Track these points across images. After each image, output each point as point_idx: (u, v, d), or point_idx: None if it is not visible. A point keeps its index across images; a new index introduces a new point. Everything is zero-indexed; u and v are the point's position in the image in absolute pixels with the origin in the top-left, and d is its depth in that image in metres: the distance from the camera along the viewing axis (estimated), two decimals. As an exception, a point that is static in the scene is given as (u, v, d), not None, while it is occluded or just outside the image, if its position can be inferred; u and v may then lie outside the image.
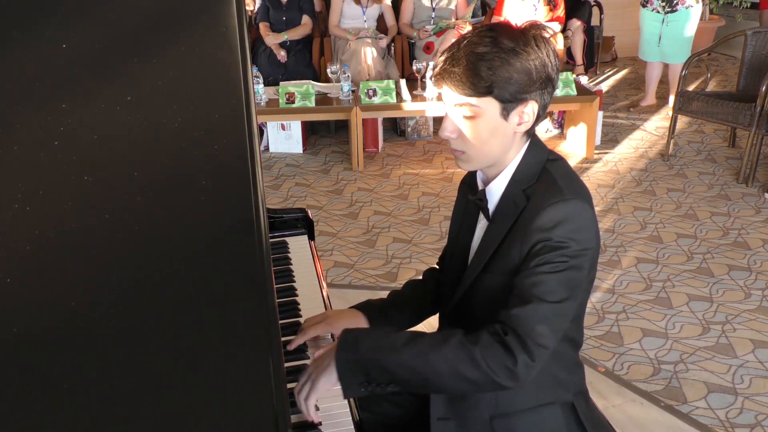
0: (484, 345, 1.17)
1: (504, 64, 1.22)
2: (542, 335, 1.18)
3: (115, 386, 0.92)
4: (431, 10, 5.44)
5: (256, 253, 0.98)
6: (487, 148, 1.29)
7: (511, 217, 1.30)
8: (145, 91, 0.88)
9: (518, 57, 1.22)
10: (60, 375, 0.89)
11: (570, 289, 1.23)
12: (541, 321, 1.19)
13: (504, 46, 1.22)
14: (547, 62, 1.25)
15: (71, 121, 0.84)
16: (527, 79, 1.23)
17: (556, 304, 1.21)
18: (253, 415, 0.99)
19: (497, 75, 1.22)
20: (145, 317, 0.93)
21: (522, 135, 1.31)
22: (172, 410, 0.95)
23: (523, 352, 1.17)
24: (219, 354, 0.97)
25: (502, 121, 1.27)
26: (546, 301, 1.20)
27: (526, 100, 1.25)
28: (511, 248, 1.28)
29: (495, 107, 1.25)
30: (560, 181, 1.28)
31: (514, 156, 1.33)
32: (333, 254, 3.59)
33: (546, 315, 1.19)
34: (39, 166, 0.84)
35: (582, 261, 1.25)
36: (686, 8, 5.31)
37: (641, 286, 3.24)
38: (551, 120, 5.39)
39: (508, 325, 1.19)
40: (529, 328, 1.18)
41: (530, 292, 1.20)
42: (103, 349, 0.91)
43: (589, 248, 1.26)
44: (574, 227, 1.23)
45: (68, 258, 0.87)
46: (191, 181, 0.92)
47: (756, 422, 2.37)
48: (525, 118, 1.28)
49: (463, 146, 1.30)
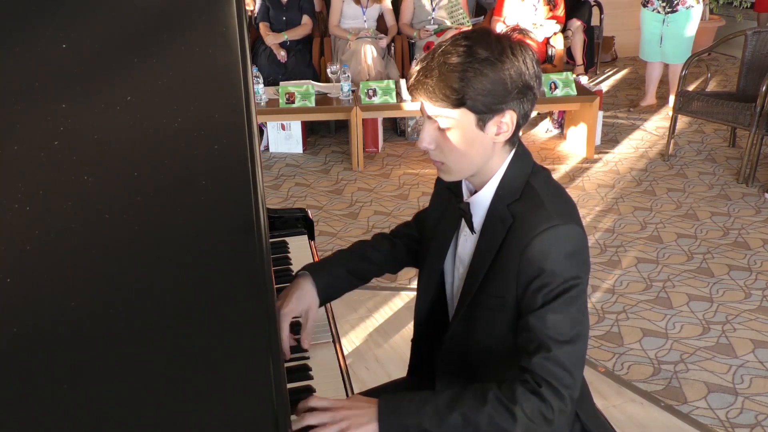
0: (521, 401, 1.19)
1: (477, 75, 1.18)
2: (572, 377, 1.21)
3: (115, 386, 0.92)
4: (431, 11, 5.44)
5: (256, 253, 0.98)
6: (465, 160, 1.27)
7: (498, 234, 1.29)
8: (145, 91, 0.88)
9: (493, 67, 1.19)
10: (60, 375, 0.89)
11: (582, 320, 1.24)
12: (567, 364, 1.20)
13: (478, 56, 1.18)
14: (524, 70, 1.22)
15: (71, 121, 0.84)
16: (502, 90, 1.21)
17: (576, 344, 1.22)
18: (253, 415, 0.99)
19: (470, 87, 1.19)
20: (145, 317, 0.93)
21: (504, 144, 1.29)
22: (172, 410, 0.95)
23: (558, 399, 1.19)
24: (219, 354, 0.97)
25: (479, 132, 1.24)
26: (566, 342, 1.21)
27: (503, 110, 1.23)
28: (507, 273, 1.27)
29: (470, 118, 1.22)
30: (547, 203, 1.26)
31: (498, 165, 1.30)
32: (333, 254, 3.59)
33: (570, 357, 1.21)
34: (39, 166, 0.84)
35: (585, 287, 1.25)
36: (687, 8, 5.31)
37: (641, 286, 3.24)
38: (551, 120, 5.40)
39: (537, 374, 1.20)
40: (559, 375, 1.19)
41: (549, 336, 1.20)
42: (103, 349, 0.91)
43: (587, 271, 1.27)
44: (570, 256, 1.23)
45: (68, 258, 0.87)
46: (191, 181, 0.92)
47: (756, 422, 2.37)
48: (503, 128, 1.25)
49: (442, 157, 1.28)
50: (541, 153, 4.93)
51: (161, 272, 0.94)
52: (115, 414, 0.92)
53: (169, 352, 0.95)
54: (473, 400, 1.21)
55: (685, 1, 5.28)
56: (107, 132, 0.87)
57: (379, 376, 2.45)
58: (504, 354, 1.32)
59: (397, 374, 1.73)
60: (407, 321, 2.90)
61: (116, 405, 0.92)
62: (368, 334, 2.85)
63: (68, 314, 0.88)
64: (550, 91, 4.65)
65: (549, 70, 5.22)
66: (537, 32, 5.39)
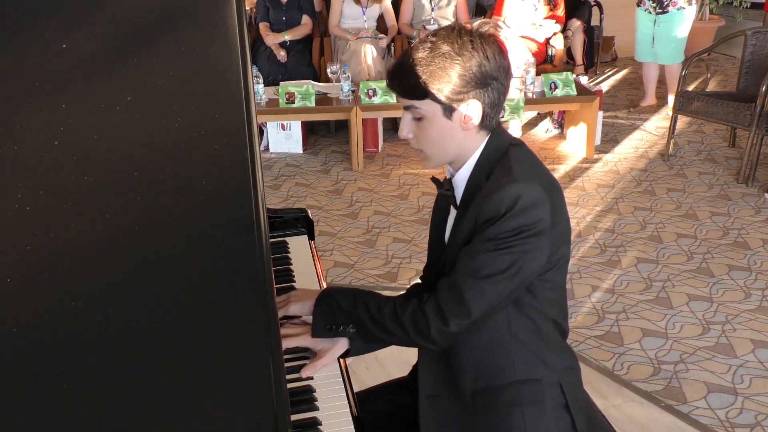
0: (407, 312, 1.32)
1: (437, 68, 1.29)
2: (459, 305, 1.28)
3: (115, 386, 0.92)
4: (431, 11, 5.44)
5: (256, 253, 0.98)
6: (440, 147, 1.37)
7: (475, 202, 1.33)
8: (145, 91, 0.88)
9: (452, 60, 1.28)
10: (60, 375, 0.89)
11: (504, 267, 1.27)
12: (462, 292, 1.27)
13: (439, 51, 1.29)
14: (484, 62, 1.30)
15: (71, 121, 0.84)
16: (461, 81, 1.29)
17: (482, 279, 1.27)
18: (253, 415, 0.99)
19: (432, 79, 1.29)
20: (145, 317, 0.93)
21: (478, 130, 1.36)
22: (172, 410, 0.95)
23: (440, 321, 1.29)
24: (219, 354, 0.97)
25: (447, 120, 1.33)
26: (472, 275, 1.27)
27: (464, 99, 1.31)
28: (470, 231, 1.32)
29: (436, 108, 1.32)
30: (515, 165, 1.32)
31: (475, 148, 1.38)
32: (333, 254, 3.59)
33: (468, 287, 1.27)
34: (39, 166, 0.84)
35: (525, 242, 1.27)
36: (678, 10, 5.28)
37: (641, 286, 3.24)
38: (551, 120, 5.40)
39: (435, 294, 1.32)
40: (447, 298, 1.29)
41: (461, 264, 1.29)
42: (103, 349, 0.91)
43: (536, 228, 1.28)
44: (519, 207, 1.26)
45: (68, 258, 0.87)
46: (191, 181, 0.92)
47: (756, 422, 2.37)
48: (470, 116, 1.33)
49: (419, 145, 1.39)
50: (541, 153, 4.93)
51: (161, 272, 0.94)
52: (115, 414, 0.92)
53: (169, 352, 0.95)
54: (386, 302, 1.36)
55: (675, 3, 5.26)
56: (107, 132, 0.87)
57: (379, 376, 2.45)
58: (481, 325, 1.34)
59: (397, 374, 1.73)
60: (407, 321, 2.90)
61: (116, 405, 0.92)
62: (368, 334, 2.85)
63: (68, 314, 0.88)
64: (550, 91, 4.65)
65: (549, 70, 5.22)
66: (537, 32, 5.39)
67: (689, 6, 5.31)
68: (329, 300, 1.42)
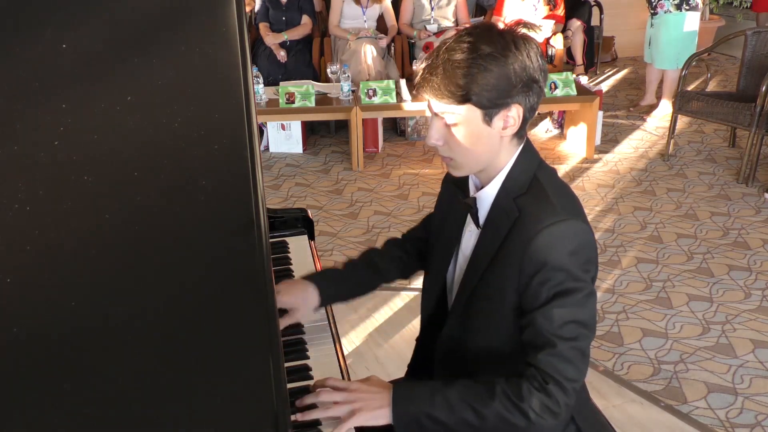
0: (529, 397, 1.21)
1: (482, 71, 1.20)
2: (577, 374, 1.23)
3: (115, 386, 0.92)
4: (431, 10, 5.44)
5: (256, 253, 0.98)
6: (474, 155, 1.28)
7: (503, 227, 1.29)
8: (145, 91, 0.88)
9: (496, 62, 1.20)
10: (60, 375, 0.89)
11: (588, 320, 1.24)
12: (573, 361, 1.22)
13: (481, 52, 1.20)
14: (528, 64, 1.22)
15: (71, 121, 0.84)
16: (507, 84, 1.22)
17: (580, 341, 1.23)
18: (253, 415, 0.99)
19: (475, 82, 1.20)
20: (145, 317, 0.93)
21: (511, 138, 1.29)
22: (172, 410, 0.95)
23: (564, 394, 1.21)
24: (219, 354, 0.97)
25: (486, 126, 1.25)
26: (571, 339, 1.22)
27: (509, 104, 1.24)
28: (508, 263, 1.27)
29: (476, 114, 1.24)
30: (552, 197, 1.27)
31: (506, 160, 1.31)
32: (333, 254, 3.59)
33: (575, 353, 1.22)
34: (39, 166, 0.84)
35: (591, 285, 1.26)
36: (665, 12, 5.25)
37: (641, 286, 3.24)
38: (551, 120, 5.40)
39: (543, 370, 1.22)
40: (564, 371, 1.21)
41: (554, 333, 1.22)
42: (103, 348, 0.91)
43: (595, 270, 1.28)
44: (575, 252, 1.23)
45: (68, 258, 0.87)
46: (191, 181, 0.92)
47: (756, 422, 2.37)
48: (510, 122, 1.26)
49: (451, 153, 1.30)
50: (541, 153, 4.89)
51: (161, 272, 0.94)
52: (115, 413, 0.92)
53: (169, 352, 0.95)
54: (483, 393, 1.23)
55: (663, 5, 5.24)
56: (107, 132, 0.87)
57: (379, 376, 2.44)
58: (499, 349, 1.33)
59: (397, 374, 1.72)
60: (407, 321, 2.91)
61: (116, 405, 0.92)
62: (368, 334, 2.85)
63: (68, 314, 0.88)
64: (550, 91, 4.64)
65: (549, 70, 5.20)
66: (537, 32, 5.39)
67: (677, 11, 5.21)
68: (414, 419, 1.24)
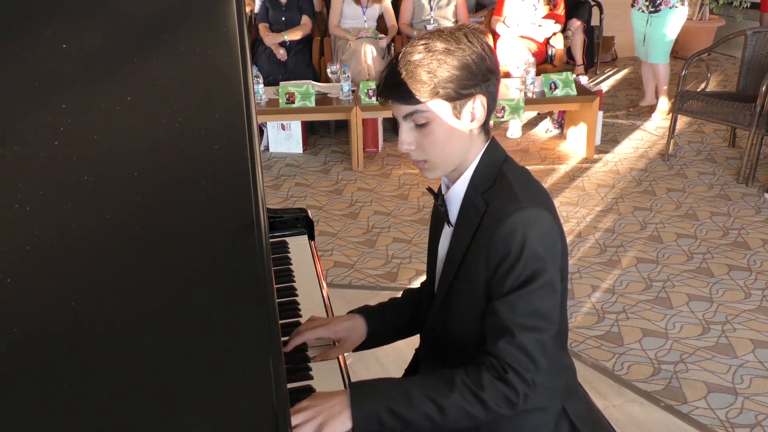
0: (488, 386, 1.22)
1: (441, 64, 1.24)
2: (536, 363, 1.23)
3: (115, 386, 0.92)
4: (430, 10, 5.44)
5: (256, 253, 0.98)
6: (447, 152, 1.30)
7: (473, 222, 1.31)
8: (145, 91, 0.88)
9: (453, 55, 1.24)
10: (60, 375, 0.89)
11: (549, 313, 1.25)
12: (531, 350, 1.23)
13: (436, 49, 1.24)
14: (484, 55, 1.27)
15: (71, 121, 0.85)
16: (468, 73, 1.25)
17: (541, 332, 1.24)
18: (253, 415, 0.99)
19: (437, 76, 1.24)
20: (145, 317, 0.93)
21: (479, 133, 1.32)
22: (172, 410, 0.95)
23: (523, 384, 1.22)
24: (219, 354, 0.97)
25: (456, 120, 1.28)
26: (531, 329, 1.23)
27: (473, 94, 1.27)
28: (478, 258, 1.29)
29: (445, 108, 1.27)
30: (515, 187, 1.29)
31: (474, 157, 1.33)
32: (333, 254, 3.59)
33: (534, 343, 1.23)
34: (39, 166, 0.84)
35: (553, 276, 1.26)
36: (670, 8, 5.27)
37: (641, 286, 3.24)
38: (551, 120, 5.39)
39: (502, 359, 1.23)
40: (522, 360, 1.23)
41: (514, 321, 1.23)
42: (103, 348, 0.91)
43: (556, 258, 1.28)
44: (538, 239, 1.24)
45: (68, 258, 0.87)
46: (191, 181, 0.92)
47: (756, 422, 2.37)
48: (477, 113, 1.29)
49: (424, 155, 1.31)
50: (541, 153, 4.93)
51: (161, 272, 0.94)
52: (115, 414, 0.92)
53: (169, 352, 0.95)
54: (441, 385, 1.24)
55: (668, 1, 5.26)
56: (107, 132, 0.87)
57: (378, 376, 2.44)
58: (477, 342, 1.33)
59: (396, 374, 1.72)
60: (407, 321, 2.90)
61: (116, 405, 0.92)
62: (368, 334, 2.85)
63: (68, 314, 0.88)
64: (550, 91, 4.65)
65: (549, 70, 5.22)
66: (537, 32, 5.39)
67: (681, 6, 5.29)
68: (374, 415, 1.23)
